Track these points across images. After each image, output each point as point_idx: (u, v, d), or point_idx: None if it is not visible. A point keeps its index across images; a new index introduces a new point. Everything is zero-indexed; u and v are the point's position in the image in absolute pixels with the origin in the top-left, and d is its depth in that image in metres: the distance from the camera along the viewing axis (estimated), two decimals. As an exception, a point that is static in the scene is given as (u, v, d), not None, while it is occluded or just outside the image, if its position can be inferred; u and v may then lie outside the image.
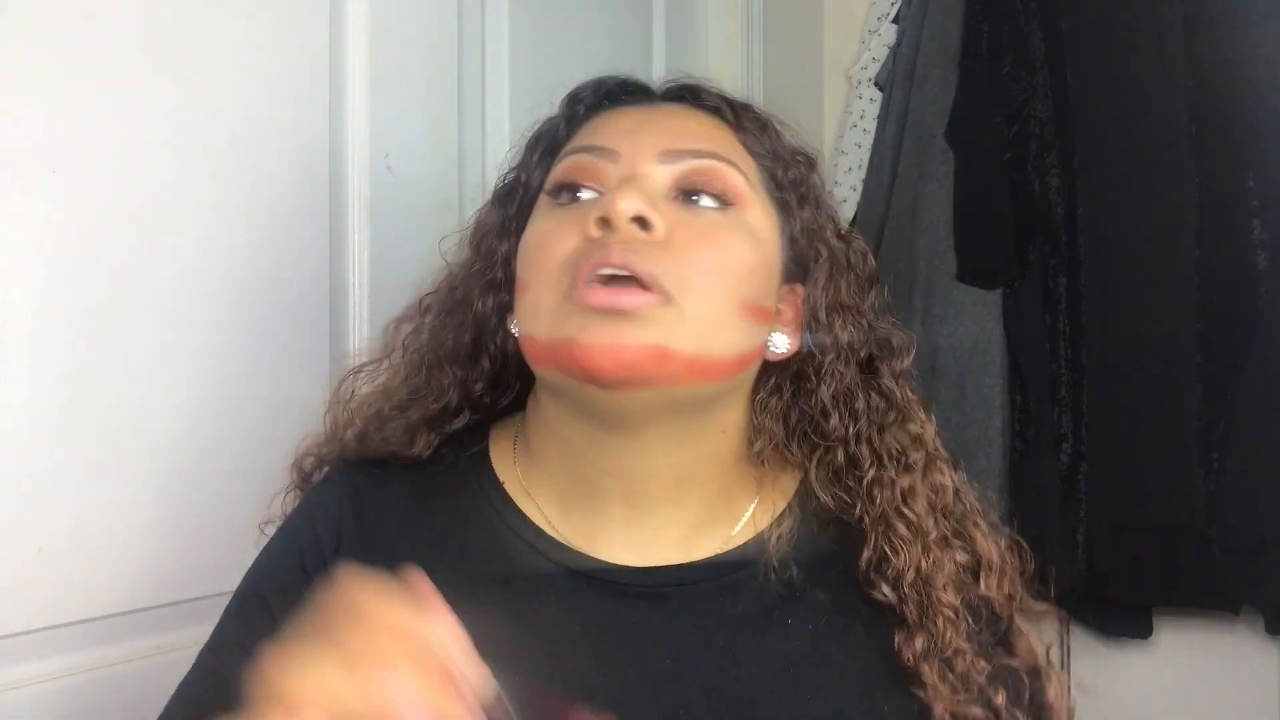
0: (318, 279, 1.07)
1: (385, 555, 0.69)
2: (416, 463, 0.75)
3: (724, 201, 0.69)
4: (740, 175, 0.70)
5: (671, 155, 0.69)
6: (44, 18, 0.84)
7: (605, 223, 0.65)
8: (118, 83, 0.89)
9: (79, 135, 0.86)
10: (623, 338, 0.62)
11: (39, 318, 0.84)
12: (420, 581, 0.52)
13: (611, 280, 0.63)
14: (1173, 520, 1.51)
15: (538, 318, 0.66)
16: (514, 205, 0.77)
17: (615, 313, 0.63)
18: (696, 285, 0.65)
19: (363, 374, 0.80)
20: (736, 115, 0.74)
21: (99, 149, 0.87)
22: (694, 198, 0.68)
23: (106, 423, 0.88)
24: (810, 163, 0.77)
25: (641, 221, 0.65)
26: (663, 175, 0.68)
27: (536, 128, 0.79)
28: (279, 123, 1.03)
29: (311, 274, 1.06)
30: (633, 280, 0.63)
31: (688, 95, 0.76)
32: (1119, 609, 1.59)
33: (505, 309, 0.74)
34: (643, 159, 0.69)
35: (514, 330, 0.72)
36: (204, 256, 0.95)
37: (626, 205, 0.64)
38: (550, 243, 0.68)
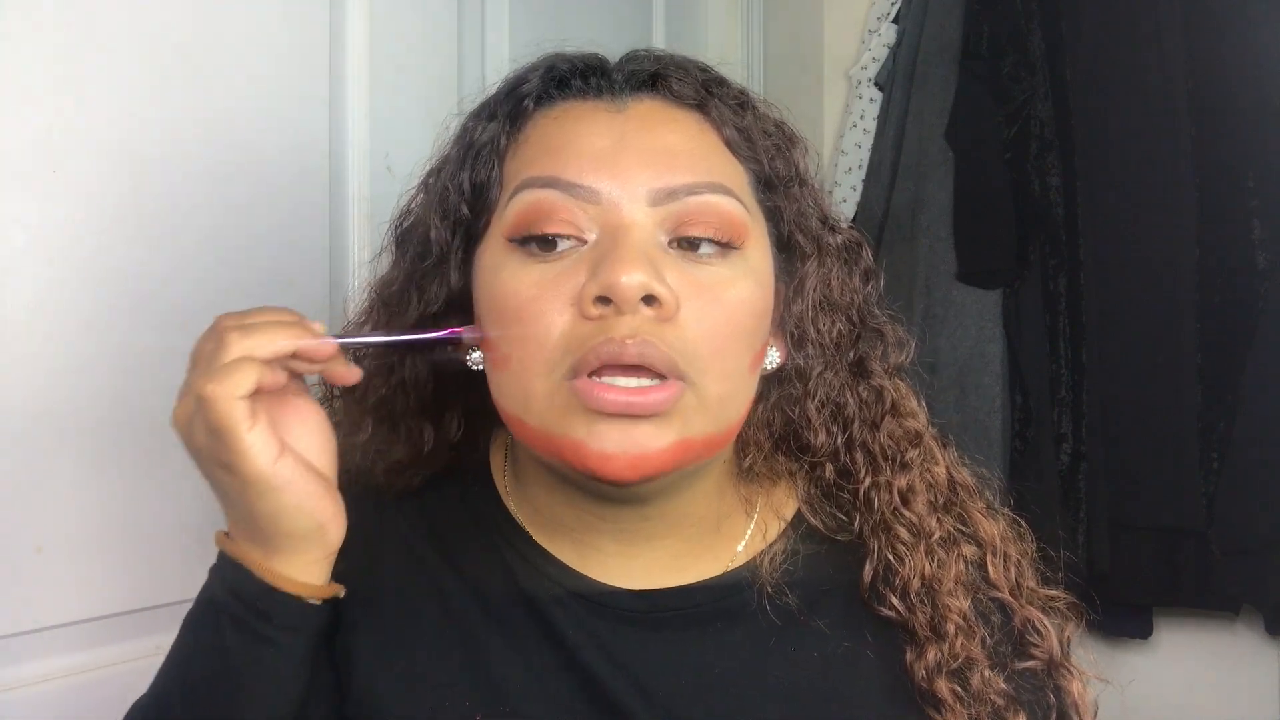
0: (318, 279, 1.07)
1: (396, 577, 0.68)
2: (420, 490, 0.71)
3: (726, 244, 0.60)
4: (738, 203, 0.61)
5: (663, 195, 0.59)
6: (44, 18, 0.84)
7: (605, 300, 0.56)
8: (118, 83, 0.89)
9: (79, 135, 0.86)
10: (644, 444, 0.56)
11: (39, 318, 0.84)
12: None
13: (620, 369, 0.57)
14: (1173, 520, 1.51)
15: (529, 405, 0.59)
16: (454, 231, 0.65)
17: (632, 417, 0.56)
18: (713, 362, 0.58)
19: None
20: (717, 108, 0.64)
21: (99, 149, 0.87)
22: (690, 240, 0.60)
23: (106, 423, 0.88)
24: (791, 141, 0.68)
25: (649, 298, 0.57)
26: (654, 219, 0.59)
27: (465, 122, 0.68)
28: (279, 123, 1.03)
29: (311, 274, 1.06)
30: (645, 370, 0.57)
31: (659, 85, 0.64)
32: (1119, 609, 1.59)
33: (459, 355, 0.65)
34: (629, 202, 0.59)
35: (473, 364, 0.64)
36: (204, 256, 0.95)
37: (632, 282, 0.55)
38: (533, 313, 0.58)
